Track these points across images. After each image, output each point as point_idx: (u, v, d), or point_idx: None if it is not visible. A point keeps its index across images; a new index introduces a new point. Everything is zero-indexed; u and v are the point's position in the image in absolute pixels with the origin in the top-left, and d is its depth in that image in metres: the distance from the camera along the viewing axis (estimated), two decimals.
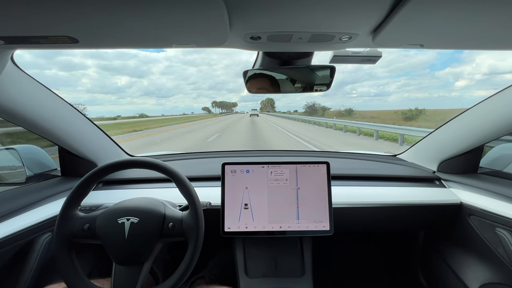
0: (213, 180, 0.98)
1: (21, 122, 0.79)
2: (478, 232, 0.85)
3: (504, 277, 0.79)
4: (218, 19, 0.48)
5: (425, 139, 1.15)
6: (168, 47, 0.62)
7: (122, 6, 0.43)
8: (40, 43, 0.56)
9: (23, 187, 0.89)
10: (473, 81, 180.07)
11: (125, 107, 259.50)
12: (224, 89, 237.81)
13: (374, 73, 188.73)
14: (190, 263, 0.62)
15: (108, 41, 0.57)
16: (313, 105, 44.49)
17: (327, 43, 0.63)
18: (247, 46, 0.65)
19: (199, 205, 0.66)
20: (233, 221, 0.83)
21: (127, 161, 0.70)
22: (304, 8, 0.46)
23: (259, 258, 0.92)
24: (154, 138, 11.41)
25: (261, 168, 0.86)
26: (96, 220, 0.64)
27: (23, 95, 0.75)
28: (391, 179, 1.04)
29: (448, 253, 0.99)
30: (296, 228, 0.83)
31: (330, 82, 0.80)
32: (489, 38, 0.57)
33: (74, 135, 0.95)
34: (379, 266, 1.38)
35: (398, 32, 0.54)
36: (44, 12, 0.44)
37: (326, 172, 0.85)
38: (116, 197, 0.91)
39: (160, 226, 0.64)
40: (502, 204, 0.79)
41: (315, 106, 44.26)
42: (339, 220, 0.84)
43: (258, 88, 0.83)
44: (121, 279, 0.61)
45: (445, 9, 0.45)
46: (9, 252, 0.70)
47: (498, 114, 0.81)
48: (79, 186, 0.66)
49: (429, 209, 0.94)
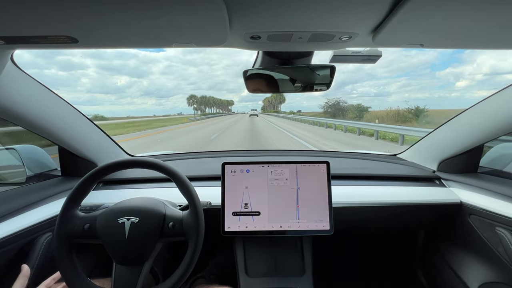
0: (213, 179, 0.98)
1: (21, 122, 0.79)
2: (478, 231, 0.85)
3: (504, 277, 0.79)
4: (218, 18, 0.48)
5: (425, 138, 1.15)
6: (168, 47, 0.62)
7: (122, 6, 0.43)
8: (40, 43, 0.56)
9: (23, 187, 0.89)
10: (474, 81, 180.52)
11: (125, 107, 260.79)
12: (224, 89, 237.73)
13: (375, 73, 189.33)
14: (190, 262, 0.62)
15: (108, 41, 0.57)
16: (337, 104, 29.36)
17: (327, 43, 0.63)
18: (247, 46, 0.65)
19: (199, 204, 0.66)
20: (233, 220, 0.83)
21: (127, 161, 0.70)
22: (304, 8, 0.46)
23: (259, 258, 0.92)
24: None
25: (261, 167, 0.86)
26: (97, 220, 0.64)
27: (23, 95, 0.75)
28: (391, 178, 1.04)
29: (448, 253, 0.99)
30: (296, 228, 0.83)
31: (330, 81, 0.80)
32: (489, 37, 0.57)
33: (74, 135, 0.95)
34: (379, 265, 1.38)
35: (398, 32, 0.54)
36: (44, 12, 0.44)
37: (326, 172, 0.85)
38: (116, 197, 0.91)
39: (160, 226, 0.64)
40: (502, 204, 0.79)
41: (339, 104, 29.04)
42: (339, 219, 0.84)
43: (258, 88, 0.83)
44: (122, 279, 0.61)
45: (445, 8, 0.45)
46: (10, 252, 0.70)
47: (498, 113, 0.81)
48: (79, 186, 0.66)
49: (429, 209, 0.94)
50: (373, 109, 25.80)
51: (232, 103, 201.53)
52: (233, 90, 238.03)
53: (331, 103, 30.31)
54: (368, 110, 22.38)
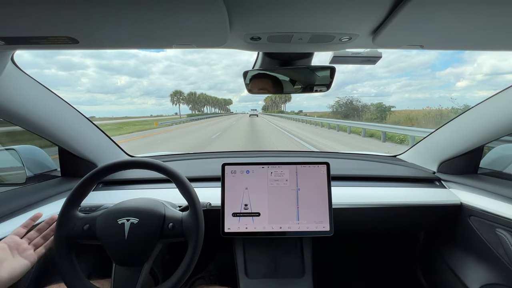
0: (213, 180, 0.98)
1: (21, 123, 0.79)
2: (478, 232, 0.85)
3: (504, 278, 0.79)
4: (218, 20, 0.48)
5: (425, 139, 1.14)
6: (168, 48, 0.62)
7: (123, 7, 0.43)
8: (40, 44, 0.56)
9: (23, 188, 0.89)
10: (474, 81, 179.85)
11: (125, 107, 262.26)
12: (224, 89, 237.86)
13: (375, 74, 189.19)
14: (190, 263, 0.62)
15: (108, 41, 0.57)
16: (350, 103, 24.16)
17: (327, 44, 0.63)
18: (247, 47, 0.65)
19: (199, 205, 0.66)
20: (233, 221, 0.83)
21: (127, 162, 0.70)
22: (304, 9, 0.46)
23: (259, 259, 0.92)
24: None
25: (261, 168, 0.86)
26: (96, 220, 0.64)
27: (23, 95, 0.75)
28: (391, 179, 1.04)
29: (448, 254, 0.99)
30: (296, 229, 0.83)
31: (330, 82, 0.80)
32: (489, 38, 0.57)
33: (74, 136, 0.95)
34: (379, 266, 1.37)
35: (398, 33, 0.54)
36: (44, 13, 0.44)
37: (326, 173, 0.85)
38: (116, 197, 0.91)
39: (160, 227, 0.64)
40: (502, 205, 0.79)
41: (353, 103, 23.85)
42: (339, 220, 0.84)
43: (258, 89, 0.83)
44: (121, 279, 0.61)
45: (445, 10, 0.45)
46: None
47: (498, 114, 0.81)
48: (79, 187, 0.66)
49: (429, 210, 0.94)
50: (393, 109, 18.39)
51: (231, 102, 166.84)
52: (233, 90, 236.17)
53: (343, 102, 25.29)
54: (391, 110, 18.06)
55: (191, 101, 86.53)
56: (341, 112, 24.80)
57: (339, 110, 25.61)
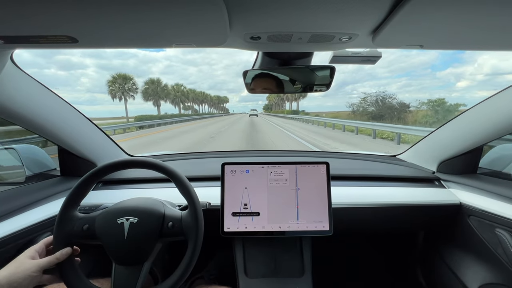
0: (212, 180, 0.98)
1: (21, 122, 0.79)
2: (477, 232, 0.85)
3: (503, 278, 0.79)
4: (218, 19, 0.48)
5: (424, 139, 1.15)
6: (168, 47, 0.62)
7: (122, 6, 0.43)
8: (39, 43, 0.56)
9: (22, 187, 0.89)
10: (474, 81, 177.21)
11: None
12: (224, 88, 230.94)
13: (375, 74, 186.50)
14: (189, 263, 0.62)
15: (108, 41, 0.57)
16: (382, 99, 17.36)
17: (327, 43, 0.63)
18: (247, 46, 0.65)
19: (199, 205, 0.66)
20: (232, 221, 0.83)
21: (126, 161, 0.69)
22: (303, 9, 0.46)
23: (259, 258, 0.92)
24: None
25: (261, 168, 0.86)
26: (96, 220, 0.64)
27: (23, 95, 0.75)
28: (391, 179, 1.04)
29: (448, 254, 0.99)
30: (296, 228, 0.83)
31: (330, 82, 0.81)
32: (489, 38, 0.57)
33: (74, 135, 0.95)
34: (378, 266, 1.38)
35: (398, 33, 0.54)
36: (44, 12, 0.44)
37: (326, 173, 0.85)
38: (116, 197, 0.91)
39: (159, 226, 0.64)
40: (502, 205, 0.79)
41: (386, 101, 17.19)
42: (339, 220, 0.84)
43: (258, 88, 0.83)
44: (121, 279, 0.61)
45: (445, 9, 0.45)
46: (9, 251, 0.69)
47: (498, 114, 0.82)
48: (78, 186, 0.66)
49: (429, 210, 0.94)
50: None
51: (226, 100, 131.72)
52: (233, 90, 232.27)
53: (372, 100, 18.38)
54: (459, 109, 12.45)
55: (150, 95, 51.21)
56: (371, 113, 18.61)
57: (369, 110, 19.07)
